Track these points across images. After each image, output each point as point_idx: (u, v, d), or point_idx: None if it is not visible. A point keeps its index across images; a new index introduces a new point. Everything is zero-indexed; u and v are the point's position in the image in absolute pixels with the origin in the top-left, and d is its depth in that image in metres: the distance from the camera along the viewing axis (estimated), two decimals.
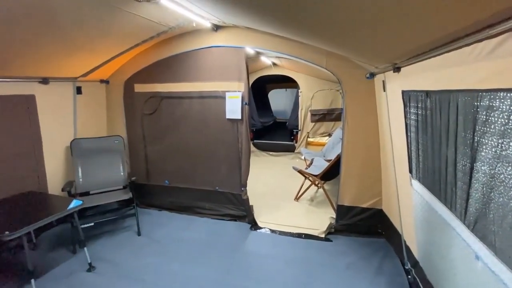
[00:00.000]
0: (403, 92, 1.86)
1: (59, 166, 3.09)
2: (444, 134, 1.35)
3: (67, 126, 3.16)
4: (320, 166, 3.83)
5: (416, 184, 1.83)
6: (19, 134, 2.68)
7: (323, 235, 2.89)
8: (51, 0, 1.70)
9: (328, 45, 2.27)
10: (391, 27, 1.25)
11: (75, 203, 2.32)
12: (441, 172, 1.43)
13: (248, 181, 3.18)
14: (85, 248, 2.43)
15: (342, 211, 2.92)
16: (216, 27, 2.94)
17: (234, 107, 3.04)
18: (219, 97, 3.10)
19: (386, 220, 2.70)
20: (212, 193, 3.35)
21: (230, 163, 3.20)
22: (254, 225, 3.12)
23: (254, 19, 2.02)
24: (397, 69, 1.81)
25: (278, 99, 9.08)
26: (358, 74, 2.63)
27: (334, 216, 3.07)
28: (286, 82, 6.93)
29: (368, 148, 2.73)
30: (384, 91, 2.27)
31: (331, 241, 2.82)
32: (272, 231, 3.02)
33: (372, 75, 2.54)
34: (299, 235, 2.91)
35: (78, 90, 3.22)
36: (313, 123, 5.91)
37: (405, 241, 2.25)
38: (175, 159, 3.44)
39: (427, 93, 1.50)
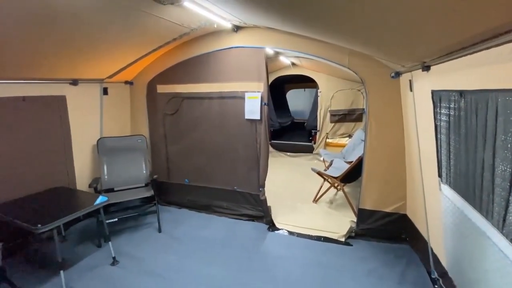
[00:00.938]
0: (433, 92, 1.76)
1: (86, 163, 3.24)
2: (480, 137, 1.26)
3: (94, 125, 3.32)
4: (340, 168, 3.74)
5: (446, 189, 1.73)
6: (51, 132, 2.84)
7: (343, 239, 2.81)
8: (79, 6, 1.77)
9: (352, 44, 2.20)
10: (422, 24, 1.18)
11: (101, 199, 2.42)
12: (475, 177, 1.34)
13: (265, 182, 3.16)
14: (110, 243, 2.53)
15: (363, 215, 2.82)
16: (237, 28, 2.96)
17: (253, 108, 3.04)
18: (238, 98, 3.11)
19: (411, 225, 2.58)
20: (230, 193, 3.37)
21: (249, 163, 3.20)
22: (272, 226, 3.10)
23: (276, 18, 2.00)
24: (426, 68, 1.71)
25: (296, 99, 8.98)
26: (383, 73, 2.53)
27: (355, 220, 2.98)
28: (305, 82, 6.84)
29: (392, 150, 2.62)
30: (411, 91, 2.17)
31: (351, 245, 2.74)
32: (290, 232, 2.99)
33: (398, 74, 2.44)
34: (317, 238, 2.86)
35: (105, 91, 3.37)
36: (333, 124, 5.78)
37: (432, 249, 2.13)
38: (195, 159, 3.50)
39: (461, 93, 1.41)
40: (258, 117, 3.01)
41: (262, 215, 3.19)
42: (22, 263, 2.45)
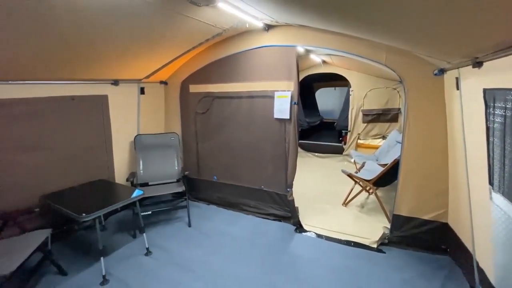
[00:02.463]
0: (485, 90, 1.60)
1: (124, 158, 3.46)
2: None
3: (132, 122, 3.53)
4: (372, 170, 3.57)
5: (499, 198, 1.56)
6: (94, 129, 3.08)
7: (375, 245, 2.68)
8: (120, 12, 1.89)
9: (391, 39, 2.07)
10: (474, 15, 1.07)
11: (137, 193, 2.57)
12: None
13: (293, 182, 3.12)
14: (144, 234, 2.67)
15: (398, 221, 2.66)
16: (268, 27, 2.94)
17: (282, 107, 3.01)
18: (268, 97, 3.10)
19: (453, 235, 2.37)
20: (258, 192, 3.38)
21: (276, 163, 3.18)
22: (299, 228, 3.05)
23: (311, 16, 1.96)
24: (477, 64, 1.56)
25: (326, 98, 8.74)
26: (424, 71, 2.35)
27: (388, 226, 2.82)
28: (335, 80, 6.63)
29: (433, 153, 2.43)
30: (458, 89, 1.99)
31: (384, 252, 2.60)
32: (318, 235, 2.91)
33: (442, 71, 2.25)
34: (347, 243, 2.75)
35: (142, 91, 3.57)
36: (365, 124, 5.53)
37: (477, 262, 1.94)
38: (224, 157, 3.57)
39: None
40: (287, 117, 2.98)
41: (289, 215, 3.15)
42: (67, 248, 2.68)
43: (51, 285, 2.17)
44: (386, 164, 3.31)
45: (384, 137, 5.42)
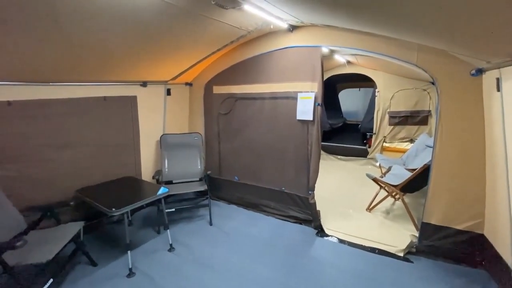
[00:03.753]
0: None
1: (150, 157, 3.61)
2: None
3: (158, 122, 3.67)
4: (399, 175, 3.41)
5: None
6: (124, 128, 3.23)
7: (401, 254, 2.56)
8: (149, 16, 1.97)
9: (424, 38, 1.97)
10: None
11: (162, 190, 2.67)
12: None
13: (315, 185, 3.06)
14: (168, 231, 2.76)
15: (427, 229, 2.52)
16: (292, 28, 2.92)
17: (305, 108, 2.97)
18: (291, 98, 3.08)
19: (489, 248, 2.20)
20: (278, 193, 3.36)
21: (298, 165, 3.15)
22: (321, 232, 2.99)
23: (340, 16, 1.92)
24: None
25: (349, 99, 8.51)
26: (460, 71, 2.21)
27: (416, 234, 2.68)
28: (360, 81, 6.43)
29: (468, 158, 2.27)
30: (498, 90, 1.85)
31: (412, 262, 2.47)
32: (340, 240, 2.84)
33: (480, 71, 2.10)
34: (372, 250, 2.65)
35: (168, 92, 3.70)
36: (392, 127, 5.30)
37: None
38: (245, 157, 3.59)
39: None
40: (310, 118, 2.93)
41: (311, 219, 3.10)
42: (96, 241, 2.83)
43: (82, 274, 2.31)
44: (414, 169, 3.15)
45: (412, 141, 5.16)
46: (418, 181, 2.99)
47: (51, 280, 2.03)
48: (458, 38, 1.69)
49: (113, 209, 2.24)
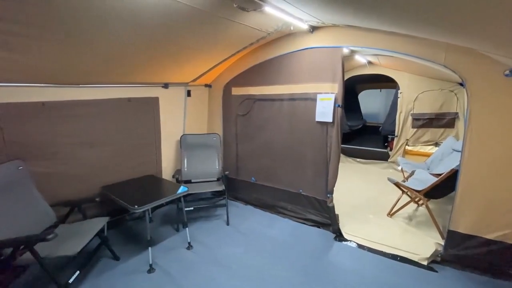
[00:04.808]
0: None
1: (171, 156, 3.70)
2: None
3: (179, 123, 3.76)
4: (423, 180, 3.27)
5: None
6: (146, 128, 3.35)
7: (425, 262, 2.45)
8: (173, 20, 2.02)
9: (454, 36, 1.88)
10: None
11: (182, 189, 2.73)
12: None
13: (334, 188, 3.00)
14: (187, 229, 2.82)
15: (454, 238, 2.39)
16: (313, 29, 2.90)
17: (325, 109, 2.92)
18: (310, 99, 3.05)
19: None
20: (295, 196, 3.33)
21: (317, 167, 3.10)
22: (339, 236, 2.93)
23: (363, 16, 1.87)
24: None
25: (369, 101, 8.28)
26: (492, 71, 2.08)
27: (442, 243, 2.56)
28: (381, 82, 6.24)
29: (501, 164, 2.13)
30: None
31: (436, 271, 2.36)
32: (360, 245, 2.76)
33: None
34: (393, 256, 2.56)
35: (188, 93, 3.78)
36: (415, 129, 5.09)
37: None
38: (262, 158, 3.59)
39: None
40: (330, 120, 2.89)
41: (329, 222, 3.04)
42: (118, 236, 2.95)
43: (106, 268, 2.41)
44: (439, 174, 3.01)
45: (437, 144, 4.93)
46: (444, 187, 2.85)
47: (78, 272, 2.13)
48: (492, 35, 1.59)
49: (136, 206, 2.32)
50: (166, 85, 3.42)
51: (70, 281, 2.03)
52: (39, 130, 2.43)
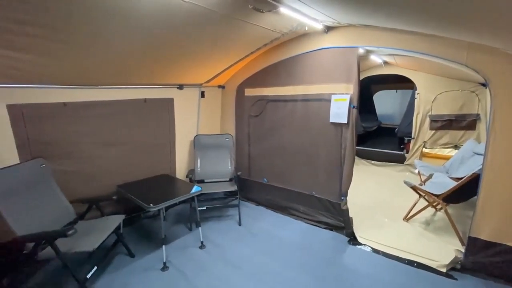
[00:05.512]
0: None
1: (184, 156, 3.76)
2: None
3: (192, 123, 3.82)
4: (442, 184, 3.16)
5: None
6: (161, 128, 3.42)
7: (444, 269, 2.36)
8: (188, 23, 2.05)
9: (477, 35, 1.81)
10: None
11: (195, 189, 2.76)
12: None
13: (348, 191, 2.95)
14: (200, 228, 2.85)
15: (475, 245, 2.29)
16: (328, 29, 2.86)
17: (339, 110, 2.88)
18: (324, 100, 3.01)
19: None
20: (308, 198, 3.29)
21: (330, 169, 3.06)
22: (353, 239, 2.87)
23: (380, 15, 1.83)
24: None
25: (384, 102, 8.07)
26: None
27: (462, 250, 2.46)
28: (397, 82, 6.09)
29: None
30: None
31: (456, 279, 2.26)
32: (374, 250, 2.70)
33: None
34: (409, 262, 2.48)
35: (202, 94, 3.83)
36: (433, 131, 4.93)
37: None
38: (275, 160, 3.58)
39: None
40: (344, 121, 2.84)
41: (342, 225, 2.99)
42: (133, 234, 3.01)
43: (121, 264, 2.47)
44: (459, 178, 2.90)
45: (456, 147, 4.75)
46: (464, 191, 2.74)
47: (95, 268, 2.20)
48: None
49: (151, 204, 2.37)
50: (181, 86, 3.48)
51: (88, 276, 2.10)
52: (60, 130, 2.53)
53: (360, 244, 2.80)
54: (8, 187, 2.00)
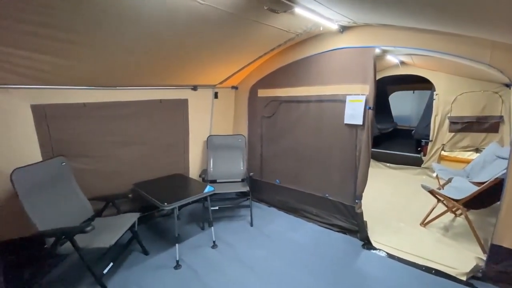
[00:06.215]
0: None
1: (197, 156, 3.80)
2: None
3: (206, 124, 3.86)
4: (462, 188, 3.03)
5: None
6: (175, 129, 3.47)
7: (463, 278, 2.26)
8: (204, 24, 2.08)
9: (502, 33, 1.73)
10: None
11: (208, 189, 2.78)
12: None
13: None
14: (212, 228, 2.87)
15: (498, 253, 2.18)
16: (343, 29, 2.82)
17: (354, 112, 2.83)
18: (338, 101, 2.96)
19: None
20: (321, 200, 3.25)
21: (344, 171, 3.01)
22: (367, 244, 2.80)
23: (399, 14, 1.78)
24: None
25: (401, 103, 7.87)
26: None
27: (483, 258, 2.35)
28: (414, 83, 5.91)
29: None
30: None
31: None
32: (389, 255, 2.62)
33: None
34: (427, 269, 2.40)
35: (215, 95, 3.87)
36: (452, 134, 4.74)
37: None
38: (287, 161, 3.56)
39: None
40: (360, 122, 2.78)
41: (356, 229, 2.93)
42: (147, 231, 3.07)
43: (136, 261, 2.53)
44: (481, 183, 2.78)
45: (478, 150, 4.55)
46: (486, 197, 2.63)
47: (111, 264, 2.26)
48: None
49: (165, 203, 2.41)
50: (195, 87, 3.52)
51: (105, 271, 2.16)
52: (79, 129, 2.62)
53: (374, 248, 2.73)
54: (32, 184, 2.09)
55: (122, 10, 1.69)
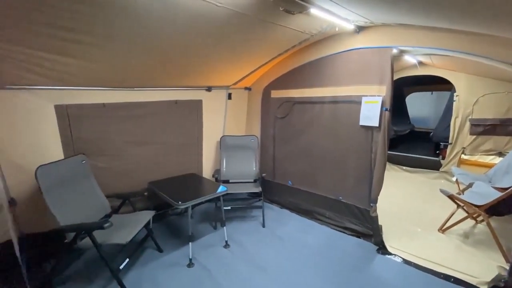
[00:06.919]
0: None
1: (211, 156, 3.85)
2: None
3: (219, 124, 3.90)
4: (484, 194, 2.91)
5: None
6: (190, 129, 3.53)
7: (484, 287, 2.16)
8: (219, 26, 2.10)
9: None
10: None
11: (221, 189, 2.81)
12: None
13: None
14: (225, 227, 2.89)
15: None
16: (359, 29, 2.77)
17: (370, 113, 2.77)
18: (354, 102, 2.91)
19: None
20: (334, 202, 3.20)
21: (359, 174, 2.95)
22: (382, 248, 2.74)
23: (419, 13, 1.74)
24: None
25: (418, 104, 7.62)
26: None
27: (506, 267, 2.24)
28: (432, 83, 5.72)
29: None
30: None
31: None
32: (405, 261, 2.55)
33: None
34: (445, 277, 2.31)
35: (229, 96, 3.90)
36: (474, 137, 4.55)
37: None
38: (300, 162, 3.53)
39: None
40: (376, 124, 2.73)
41: (371, 233, 2.87)
42: (161, 229, 3.13)
43: (150, 258, 2.59)
44: (505, 188, 2.65)
45: (501, 154, 4.35)
46: (510, 203, 2.50)
47: (127, 260, 2.32)
48: None
49: (179, 202, 2.45)
50: (209, 88, 3.57)
51: (121, 267, 2.22)
52: (99, 128, 2.72)
53: (389, 253, 2.66)
54: (54, 181, 2.18)
55: (140, 14, 1.74)
